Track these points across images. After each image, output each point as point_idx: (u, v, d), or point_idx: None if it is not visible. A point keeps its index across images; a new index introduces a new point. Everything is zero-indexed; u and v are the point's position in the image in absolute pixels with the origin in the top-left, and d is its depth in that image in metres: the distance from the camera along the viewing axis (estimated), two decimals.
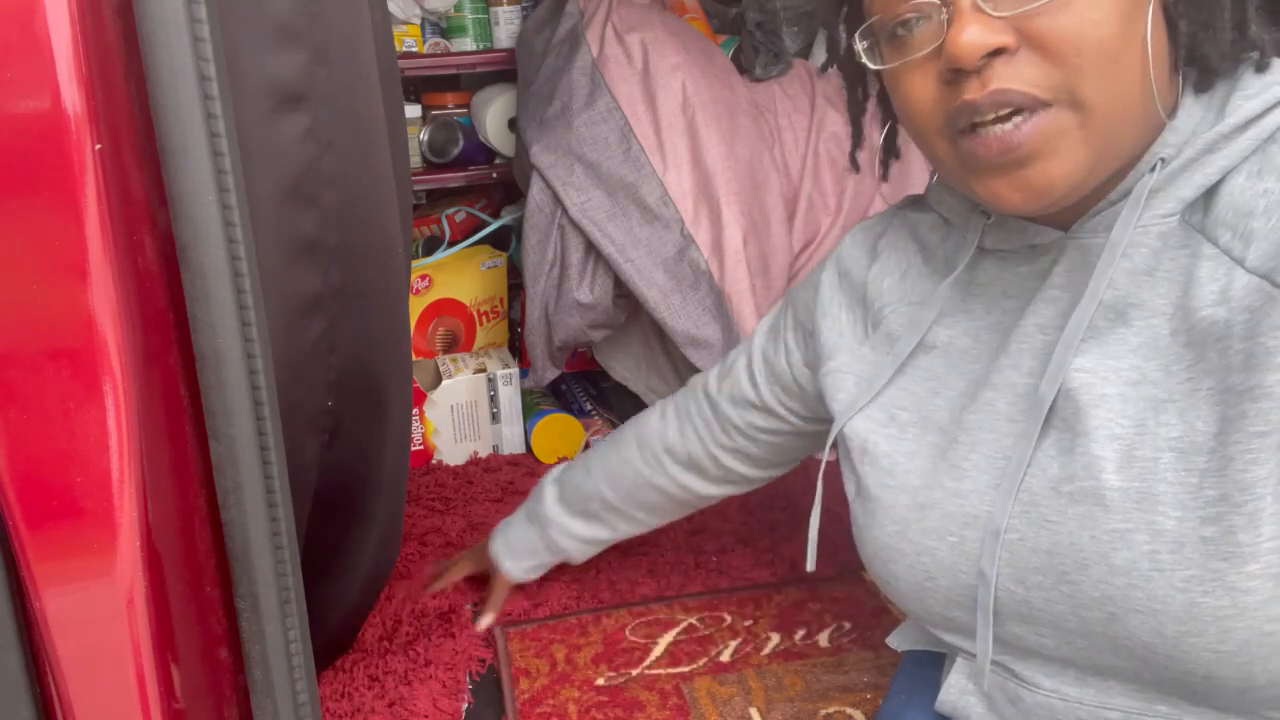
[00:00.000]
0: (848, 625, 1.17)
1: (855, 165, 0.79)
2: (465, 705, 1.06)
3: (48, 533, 0.58)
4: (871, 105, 0.76)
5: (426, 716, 1.03)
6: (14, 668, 0.60)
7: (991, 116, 0.58)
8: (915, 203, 0.81)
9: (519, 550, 1.16)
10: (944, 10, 0.59)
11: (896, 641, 0.92)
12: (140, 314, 0.58)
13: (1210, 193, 0.61)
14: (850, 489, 0.77)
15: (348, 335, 0.82)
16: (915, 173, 1.49)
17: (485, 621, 1.16)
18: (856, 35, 0.65)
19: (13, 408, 0.56)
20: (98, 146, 0.54)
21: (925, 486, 0.69)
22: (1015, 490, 0.64)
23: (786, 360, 0.88)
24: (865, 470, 0.74)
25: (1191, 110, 0.62)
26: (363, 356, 0.85)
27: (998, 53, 0.57)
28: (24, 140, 0.53)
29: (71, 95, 0.53)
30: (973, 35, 0.57)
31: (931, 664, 0.83)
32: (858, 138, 0.77)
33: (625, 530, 1.12)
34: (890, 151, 0.77)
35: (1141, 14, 0.58)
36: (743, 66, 1.56)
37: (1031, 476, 0.64)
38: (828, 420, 0.81)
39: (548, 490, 1.13)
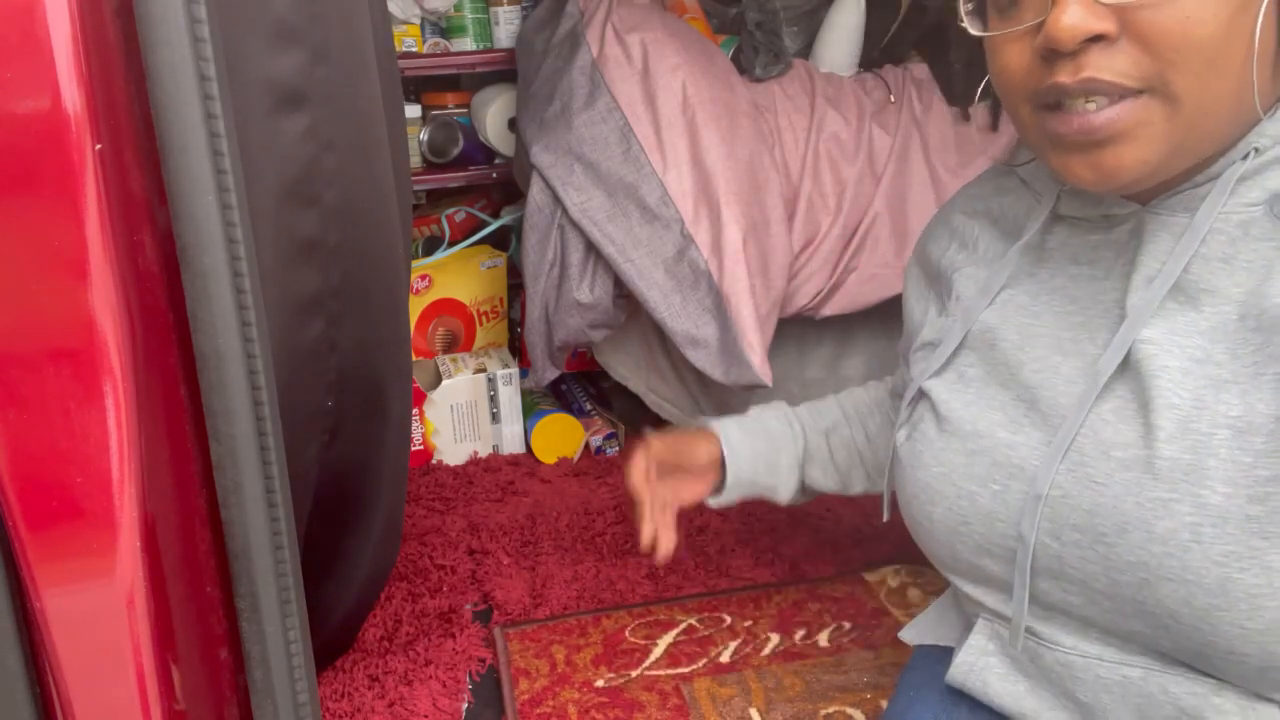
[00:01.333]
0: (847, 625, 1.17)
1: (967, 116, 0.78)
2: (465, 705, 1.06)
3: (48, 533, 0.58)
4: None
5: (426, 716, 1.03)
6: (14, 668, 0.59)
7: (1080, 99, 0.59)
8: (984, 177, 0.82)
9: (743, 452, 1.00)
10: None
11: (910, 636, 0.92)
12: (140, 314, 0.58)
13: None
14: (900, 436, 0.78)
15: (348, 335, 0.82)
16: (914, 172, 1.49)
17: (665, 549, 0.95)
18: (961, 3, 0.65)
19: (13, 408, 0.56)
20: (98, 146, 0.54)
21: (977, 433, 0.70)
22: (1063, 453, 0.65)
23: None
24: (922, 414, 0.76)
25: None
26: (363, 356, 0.85)
27: (1096, 39, 0.57)
28: (24, 140, 0.53)
29: (71, 95, 0.53)
30: (1074, 18, 0.57)
31: (941, 660, 0.83)
32: (986, 95, 0.75)
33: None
34: (991, 97, 0.76)
35: (1251, 14, 0.57)
36: (743, 66, 1.55)
37: (1083, 437, 0.65)
38: None
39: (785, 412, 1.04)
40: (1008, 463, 0.68)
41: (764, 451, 1.00)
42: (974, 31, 0.65)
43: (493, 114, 1.71)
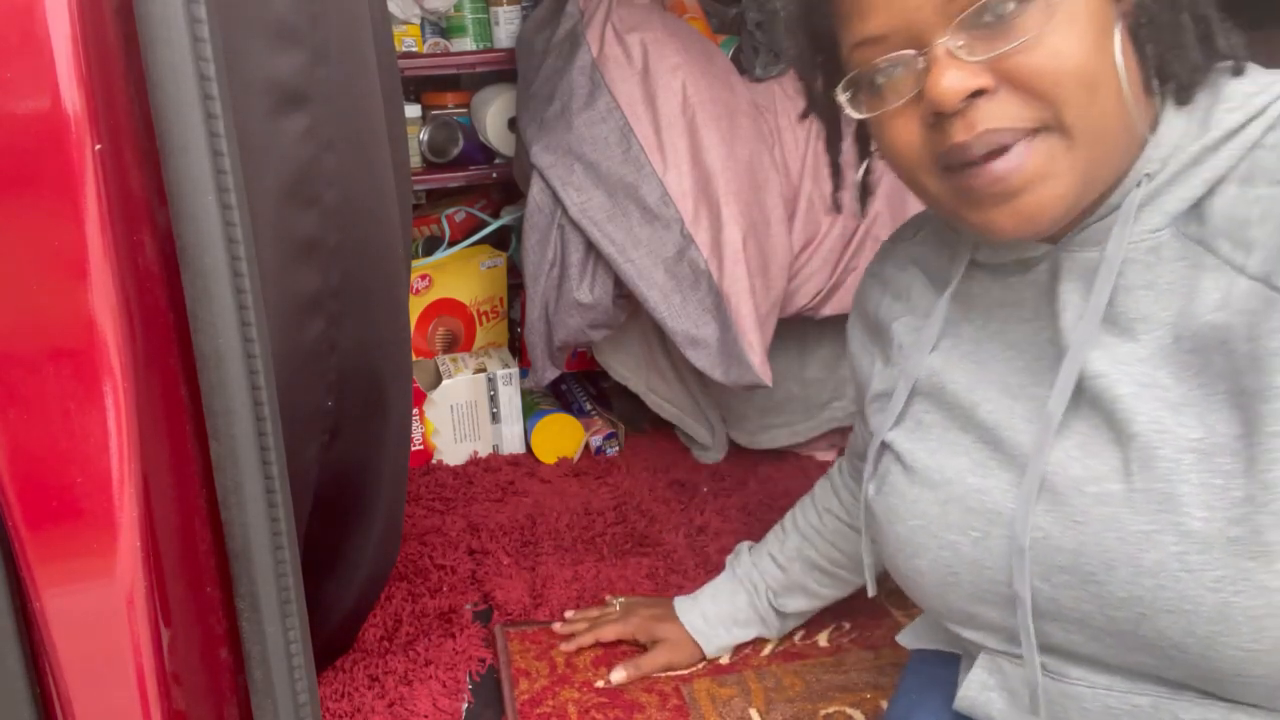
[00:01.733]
0: (847, 625, 1.17)
1: (838, 206, 0.81)
2: (465, 705, 1.06)
3: (48, 533, 0.58)
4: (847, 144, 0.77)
5: (426, 716, 1.03)
6: (14, 668, 0.59)
7: (983, 154, 0.60)
8: (909, 226, 0.84)
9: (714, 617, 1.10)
10: (920, 59, 0.61)
11: (908, 640, 0.92)
12: (140, 314, 0.58)
13: (1202, 204, 0.62)
14: (870, 490, 0.77)
15: (348, 335, 0.82)
16: None
17: (619, 676, 1.07)
18: (839, 88, 0.66)
19: (13, 408, 0.56)
20: (98, 146, 0.54)
21: (946, 481, 0.70)
22: (1035, 496, 0.65)
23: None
24: (888, 467, 0.75)
25: (1174, 124, 0.63)
26: (363, 356, 0.85)
27: (978, 94, 0.59)
28: (24, 140, 0.53)
29: (71, 95, 0.53)
30: (952, 80, 0.59)
31: (941, 663, 0.83)
32: (838, 178, 0.80)
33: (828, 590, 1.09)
34: (868, 189, 0.79)
35: (1109, 41, 0.60)
36: (743, 66, 1.55)
37: (1055, 476, 0.64)
38: None
39: (743, 554, 1.12)
40: (982, 509, 0.68)
41: (732, 615, 1.10)
42: (855, 115, 0.66)
43: (493, 114, 1.71)
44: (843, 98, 0.66)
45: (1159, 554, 0.59)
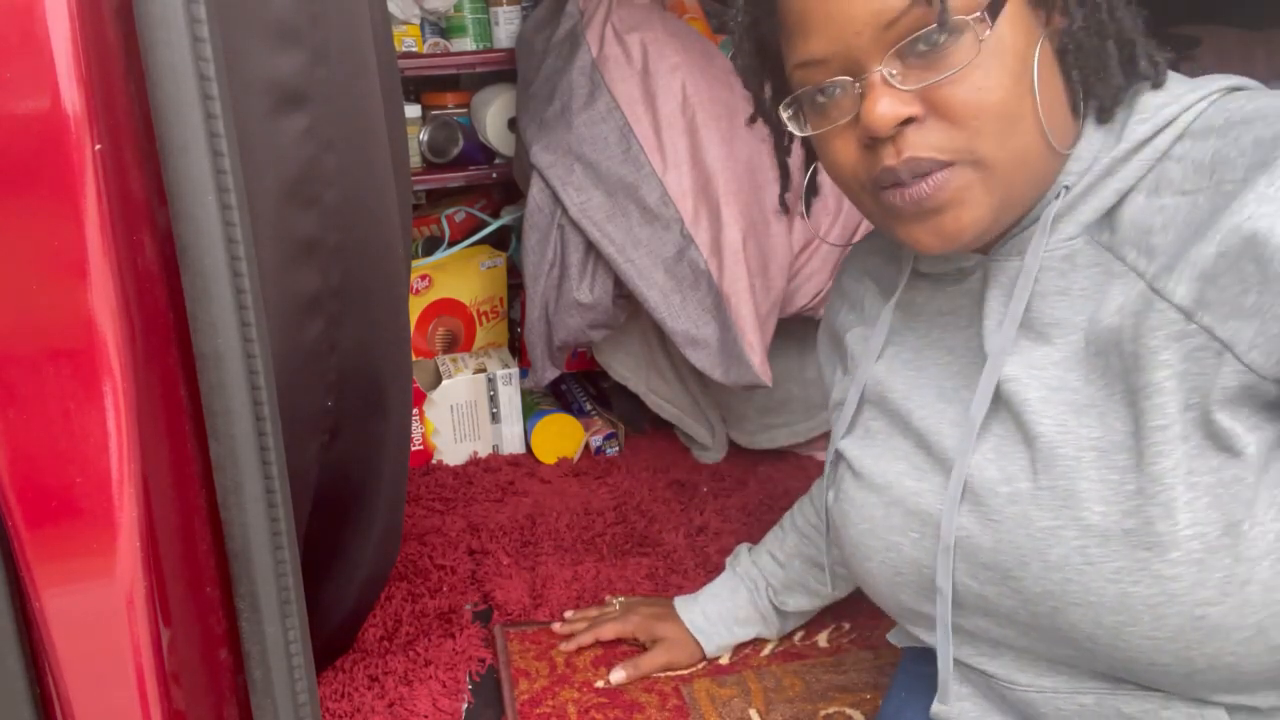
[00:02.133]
0: (846, 625, 1.17)
1: (785, 207, 0.85)
2: (465, 705, 1.06)
3: (48, 533, 0.58)
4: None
5: (426, 716, 1.03)
6: (14, 668, 0.59)
7: (909, 177, 0.64)
8: (865, 239, 0.88)
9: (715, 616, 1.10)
10: (857, 85, 0.64)
11: (897, 638, 0.93)
12: (140, 314, 0.58)
13: (1113, 213, 0.65)
14: (830, 497, 0.82)
15: (348, 335, 0.82)
16: None
17: (619, 676, 1.08)
18: (781, 106, 0.69)
19: (13, 408, 0.56)
20: (98, 147, 0.54)
21: (888, 485, 0.75)
22: (958, 497, 0.68)
23: None
24: (841, 475, 0.80)
25: (1092, 139, 0.67)
26: (363, 356, 0.85)
27: (908, 121, 0.63)
28: (24, 140, 0.53)
29: (71, 95, 0.53)
30: (884, 108, 0.62)
31: (930, 661, 0.84)
32: (785, 180, 0.84)
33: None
34: (812, 191, 0.84)
35: (1030, 69, 0.63)
36: None
37: (974, 477, 0.68)
38: None
39: (743, 554, 1.12)
40: (918, 510, 0.72)
41: (733, 614, 1.10)
42: (797, 132, 0.70)
43: (493, 114, 1.71)
44: (785, 115, 0.69)
45: (1063, 549, 0.63)
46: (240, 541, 0.62)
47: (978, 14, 0.61)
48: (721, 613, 1.10)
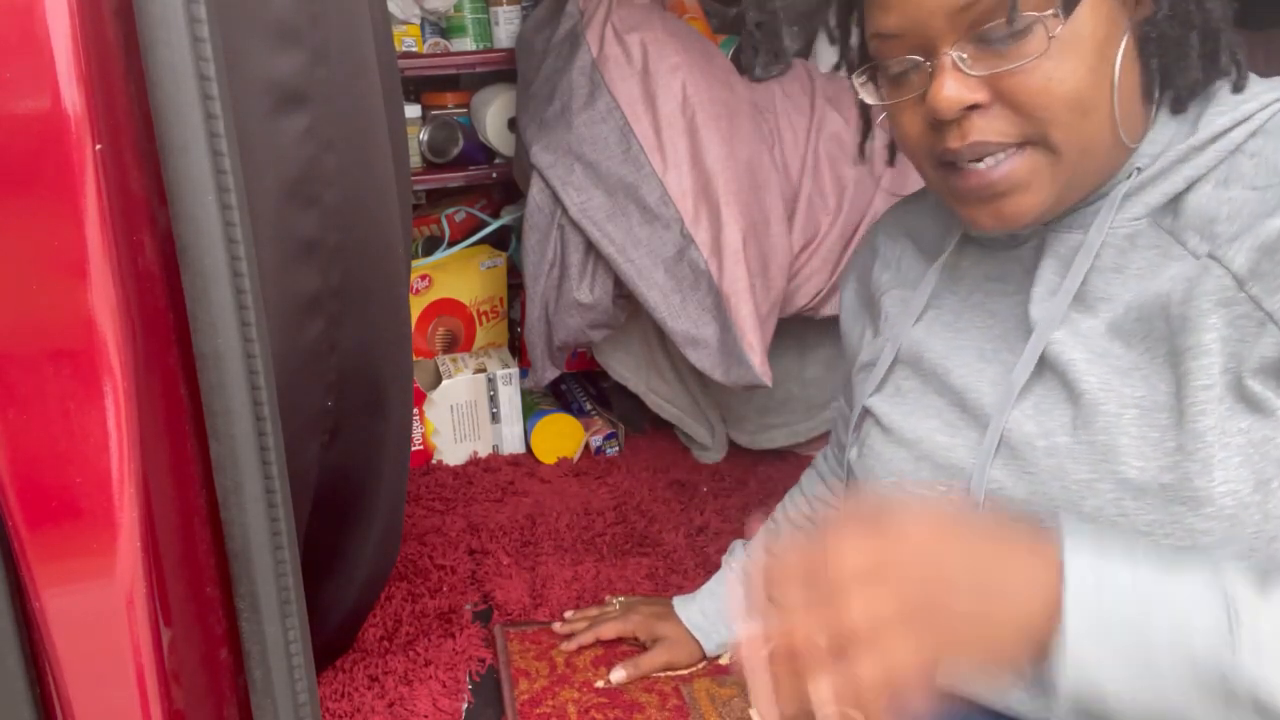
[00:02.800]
0: None
1: (862, 154, 0.86)
2: (465, 705, 1.06)
3: (48, 533, 0.58)
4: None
5: (426, 716, 1.03)
6: (14, 668, 0.60)
7: (972, 159, 0.65)
8: (910, 198, 0.89)
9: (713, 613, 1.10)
10: (928, 64, 0.65)
11: None
12: (140, 314, 0.58)
13: (1179, 199, 0.66)
14: (852, 455, 0.82)
15: (348, 335, 0.82)
16: (913, 172, 1.49)
17: (619, 676, 1.07)
18: (854, 75, 0.71)
19: (13, 408, 0.56)
20: (98, 146, 0.54)
21: (918, 440, 0.75)
22: (993, 451, 0.69)
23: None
24: (868, 431, 0.80)
25: (1166, 126, 0.68)
26: (363, 356, 0.85)
27: (974, 107, 0.64)
28: (24, 140, 0.53)
29: (71, 95, 0.53)
30: (950, 92, 0.63)
31: None
32: (866, 130, 0.84)
33: None
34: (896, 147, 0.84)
35: (1109, 60, 0.63)
36: (743, 66, 1.55)
37: (1011, 432, 0.69)
38: None
39: (738, 551, 1.11)
40: (948, 464, 0.73)
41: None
42: (868, 100, 0.72)
43: (493, 114, 1.71)
44: (857, 82, 0.71)
45: (1098, 500, 0.64)
46: (240, 541, 0.62)
47: (1051, 10, 0.61)
48: (720, 610, 1.10)
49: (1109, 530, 0.64)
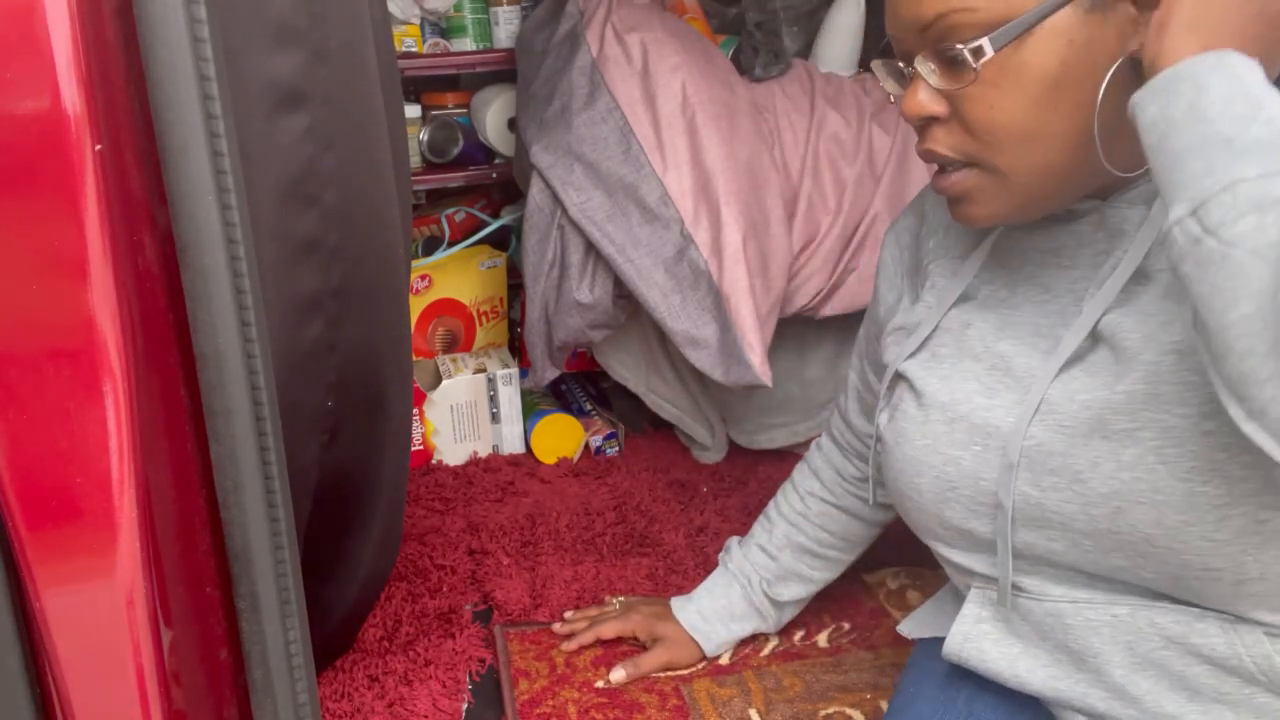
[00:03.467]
0: (847, 626, 1.17)
1: None
2: (465, 705, 1.06)
3: (48, 533, 0.58)
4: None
5: (426, 716, 1.03)
6: (14, 668, 0.60)
7: (929, 163, 0.71)
8: None
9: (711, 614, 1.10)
10: (907, 71, 0.70)
11: (908, 629, 0.93)
12: (140, 314, 0.58)
13: None
14: (883, 419, 0.82)
15: (348, 335, 0.82)
16: (914, 172, 1.49)
17: (619, 676, 1.07)
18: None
19: (13, 408, 0.56)
20: (98, 147, 0.54)
21: (954, 402, 0.76)
22: (1035, 408, 0.70)
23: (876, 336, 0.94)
24: (902, 396, 0.80)
25: None
26: (363, 356, 0.85)
27: (936, 118, 0.68)
28: (24, 140, 0.53)
29: (71, 95, 0.53)
30: (912, 103, 0.68)
31: (939, 655, 0.84)
32: None
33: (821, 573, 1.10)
34: None
35: (1069, 91, 0.64)
36: (742, 66, 1.55)
37: (1054, 392, 0.70)
38: None
39: (734, 549, 1.12)
40: (985, 424, 0.73)
41: (729, 611, 1.09)
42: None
43: (492, 114, 1.71)
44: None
45: (1138, 448, 0.64)
46: (240, 542, 0.62)
47: (980, 41, 0.64)
48: (717, 610, 1.10)
49: None
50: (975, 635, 0.77)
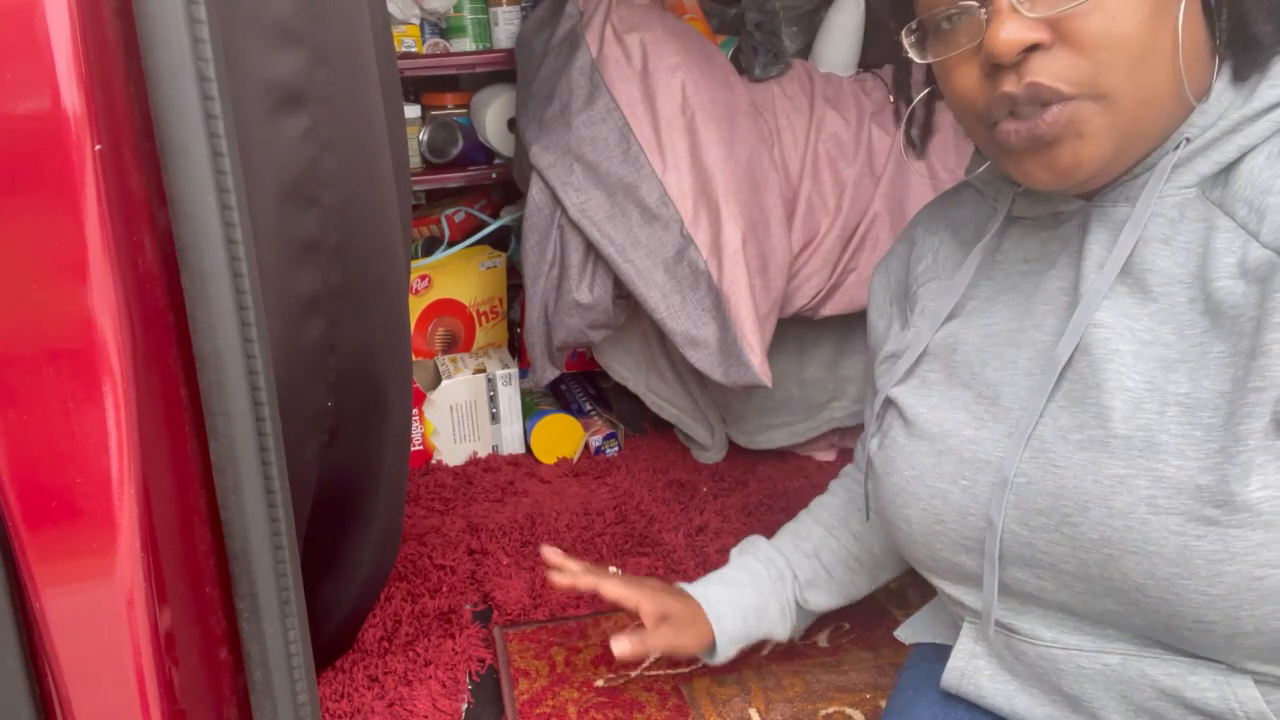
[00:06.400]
0: (847, 625, 1.17)
1: (913, 145, 0.82)
2: (465, 705, 1.06)
3: (48, 533, 0.58)
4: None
5: (426, 717, 1.03)
6: (14, 668, 0.60)
7: (1029, 105, 0.63)
8: (950, 192, 0.87)
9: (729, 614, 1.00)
10: (983, 10, 0.63)
11: (905, 634, 0.92)
12: (140, 314, 0.58)
13: (1229, 170, 0.65)
14: (873, 445, 0.80)
15: (348, 335, 0.82)
16: (913, 173, 1.49)
17: (623, 648, 0.95)
18: (903, 32, 0.69)
19: (13, 408, 0.56)
20: (98, 147, 0.54)
21: (944, 434, 0.74)
22: (1026, 439, 0.68)
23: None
24: (890, 422, 0.79)
25: (1223, 95, 0.66)
26: (363, 356, 0.85)
27: (1034, 48, 0.62)
28: (24, 140, 0.53)
29: (71, 95, 0.53)
30: (1010, 33, 0.61)
31: (938, 659, 0.84)
32: (911, 117, 0.81)
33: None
34: (928, 129, 0.81)
35: (1168, 13, 0.62)
36: (742, 66, 1.56)
37: (1043, 425, 0.68)
38: None
39: (762, 545, 1.04)
40: (974, 458, 0.71)
41: (752, 604, 0.99)
42: (918, 59, 0.69)
43: (492, 114, 1.71)
44: (907, 41, 0.69)
45: (1130, 497, 0.63)
46: (240, 542, 0.62)
47: None
48: (738, 599, 0.99)
49: None
50: (971, 671, 0.76)
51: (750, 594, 0.99)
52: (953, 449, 0.73)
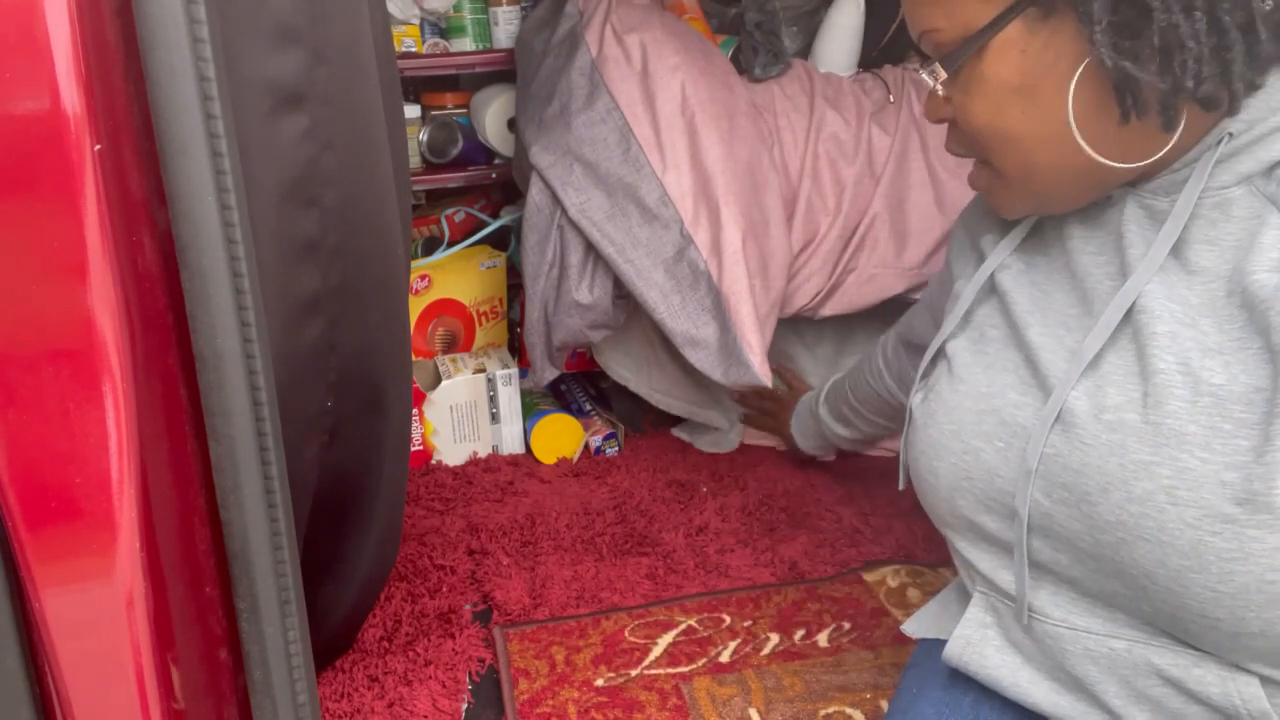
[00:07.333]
0: (847, 626, 1.17)
1: None
2: (465, 705, 1.06)
3: (48, 533, 0.58)
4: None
5: (426, 717, 1.03)
6: (14, 668, 0.60)
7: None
8: None
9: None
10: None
11: (912, 629, 0.93)
12: (140, 314, 0.58)
13: (1278, 167, 0.64)
14: (916, 400, 0.82)
15: (348, 335, 0.82)
16: (913, 172, 1.49)
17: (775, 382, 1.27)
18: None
19: (13, 408, 0.56)
20: (98, 147, 0.54)
21: (990, 393, 0.74)
22: (1055, 415, 0.69)
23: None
24: (939, 376, 0.80)
25: (1273, 91, 0.64)
26: (363, 356, 0.85)
27: (949, 120, 0.73)
28: (24, 140, 0.53)
29: (71, 95, 0.53)
30: (927, 108, 0.74)
31: (942, 655, 0.84)
32: None
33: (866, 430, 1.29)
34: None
35: (1035, 97, 0.66)
36: (742, 66, 1.55)
37: (1077, 401, 0.68)
38: None
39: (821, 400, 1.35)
40: (1013, 422, 0.72)
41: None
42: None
43: (492, 114, 1.71)
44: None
45: (1151, 484, 0.63)
46: (240, 542, 0.62)
47: (942, 56, 0.68)
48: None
49: None
50: (978, 640, 0.77)
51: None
52: (995, 409, 0.73)
